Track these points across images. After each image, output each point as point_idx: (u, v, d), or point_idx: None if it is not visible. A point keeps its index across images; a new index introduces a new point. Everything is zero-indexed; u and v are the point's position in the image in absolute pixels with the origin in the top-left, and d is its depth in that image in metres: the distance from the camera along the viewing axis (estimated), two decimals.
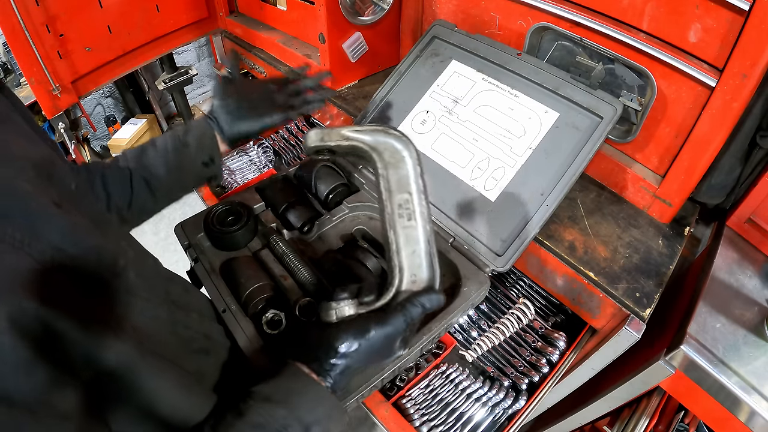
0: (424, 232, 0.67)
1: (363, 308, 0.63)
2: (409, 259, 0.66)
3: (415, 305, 0.61)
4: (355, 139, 0.69)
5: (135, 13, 1.54)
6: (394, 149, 0.68)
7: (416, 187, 0.68)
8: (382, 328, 0.59)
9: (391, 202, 0.67)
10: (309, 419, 0.54)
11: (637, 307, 0.86)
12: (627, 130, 1.05)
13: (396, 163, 0.68)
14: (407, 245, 0.66)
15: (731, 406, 0.82)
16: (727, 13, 0.78)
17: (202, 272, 0.86)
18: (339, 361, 0.56)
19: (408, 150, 0.68)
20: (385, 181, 0.68)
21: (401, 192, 0.68)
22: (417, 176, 0.68)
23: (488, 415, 0.93)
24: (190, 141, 0.81)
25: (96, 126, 3.12)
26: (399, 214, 0.67)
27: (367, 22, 1.31)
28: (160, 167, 0.78)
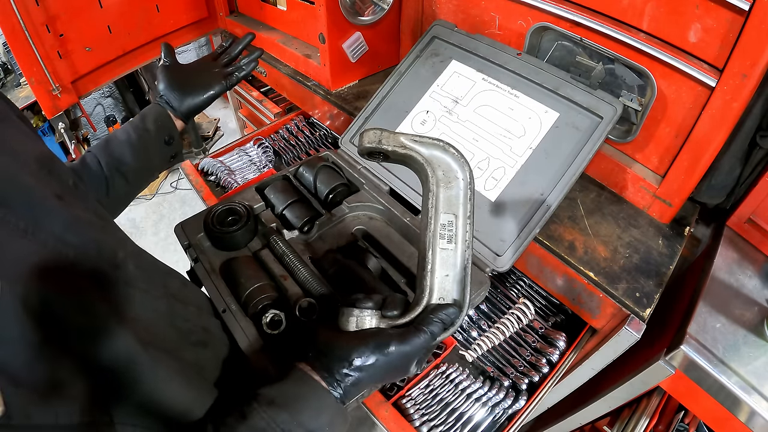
0: (462, 258, 0.65)
1: (385, 322, 0.60)
2: (441, 283, 0.64)
3: (437, 323, 0.59)
4: (412, 149, 0.66)
5: (135, 13, 1.54)
6: (449, 167, 0.66)
7: (464, 211, 0.66)
8: (403, 346, 0.56)
9: (435, 220, 0.65)
10: (312, 426, 0.53)
11: (637, 307, 0.86)
12: (627, 130, 1.05)
13: (448, 182, 0.66)
14: (442, 268, 0.64)
15: (731, 406, 0.82)
16: (727, 13, 0.78)
17: (202, 272, 0.86)
18: (352, 374, 0.55)
19: (463, 171, 0.66)
20: (434, 198, 0.66)
21: (447, 212, 0.66)
22: (467, 200, 0.66)
23: (488, 415, 0.93)
24: (150, 125, 0.89)
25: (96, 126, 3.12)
26: (441, 235, 0.65)
27: (367, 22, 1.31)
28: (127, 155, 0.86)
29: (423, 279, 0.64)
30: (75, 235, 0.48)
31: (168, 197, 3.07)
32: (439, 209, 0.66)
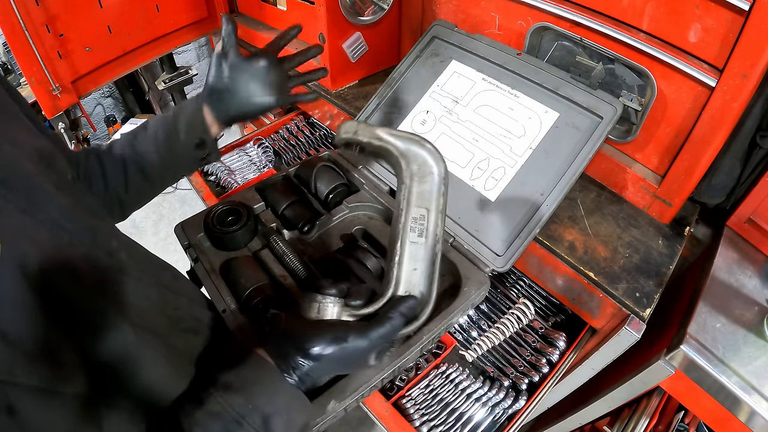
0: (431, 253, 0.65)
1: (347, 311, 0.60)
2: (408, 275, 0.64)
3: (398, 316, 0.59)
4: (387, 141, 0.66)
5: (135, 13, 1.54)
6: (425, 162, 0.66)
7: (436, 206, 0.66)
8: (360, 339, 0.56)
9: (406, 213, 0.65)
10: (268, 409, 0.53)
11: (637, 307, 0.86)
12: (627, 130, 1.05)
13: (423, 177, 0.66)
14: (410, 261, 0.64)
15: (731, 406, 0.82)
16: (727, 13, 0.78)
17: (202, 272, 0.86)
18: (307, 362, 0.55)
19: (438, 166, 0.67)
20: (407, 191, 0.66)
21: (420, 206, 0.66)
22: (440, 195, 0.66)
23: (488, 415, 0.93)
24: (180, 126, 0.80)
25: (96, 126, 3.12)
26: (411, 228, 0.65)
27: (367, 22, 1.31)
28: (152, 154, 0.79)
29: (390, 270, 0.64)
30: (70, 222, 0.50)
31: (168, 197, 3.07)
32: (411, 202, 0.66)
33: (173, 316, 0.63)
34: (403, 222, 0.65)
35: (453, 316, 0.78)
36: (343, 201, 1.00)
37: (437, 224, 0.66)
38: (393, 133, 0.66)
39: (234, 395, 0.52)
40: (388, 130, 0.67)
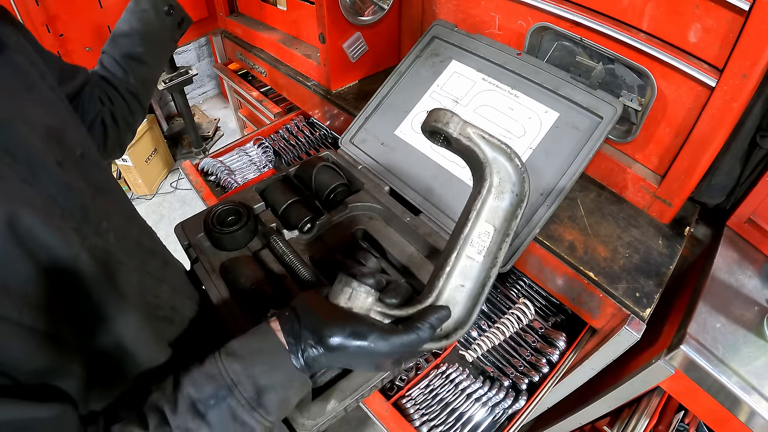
0: (485, 275, 0.60)
1: (379, 306, 0.56)
2: (452, 290, 0.60)
3: (425, 328, 0.55)
4: (476, 143, 0.60)
5: None
6: (508, 177, 0.62)
7: (505, 227, 0.61)
8: (381, 343, 0.52)
9: (473, 225, 0.60)
10: (263, 382, 0.51)
11: (637, 307, 0.86)
12: (627, 130, 1.05)
13: (501, 192, 0.62)
14: (459, 276, 0.60)
15: (731, 406, 0.82)
16: (727, 13, 0.78)
17: (202, 272, 0.86)
18: (319, 349, 0.52)
19: (521, 186, 0.62)
20: (481, 202, 0.61)
21: (488, 222, 0.61)
22: (513, 217, 0.62)
23: (488, 415, 0.93)
24: (144, 5, 0.88)
25: None
26: (473, 242, 0.60)
27: (367, 22, 1.31)
28: (136, 43, 0.88)
29: (436, 279, 0.59)
30: (66, 198, 0.54)
31: (168, 197, 3.07)
32: (481, 215, 0.61)
33: (151, 302, 0.66)
34: (466, 234, 0.60)
35: None
36: (343, 201, 1.00)
37: (500, 247, 0.61)
38: (484, 137, 0.60)
39: (233, 361, 0.52)
40: (481, 131, 0.61)
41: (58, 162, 0.55)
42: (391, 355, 0.53)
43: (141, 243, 0.70)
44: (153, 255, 0.72)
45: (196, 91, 3.73)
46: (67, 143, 0.59)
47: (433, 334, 0.54)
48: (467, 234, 0.60)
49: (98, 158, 0.71)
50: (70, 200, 0.55)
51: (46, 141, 0.55)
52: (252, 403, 0.51)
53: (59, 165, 0.55)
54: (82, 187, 0.58)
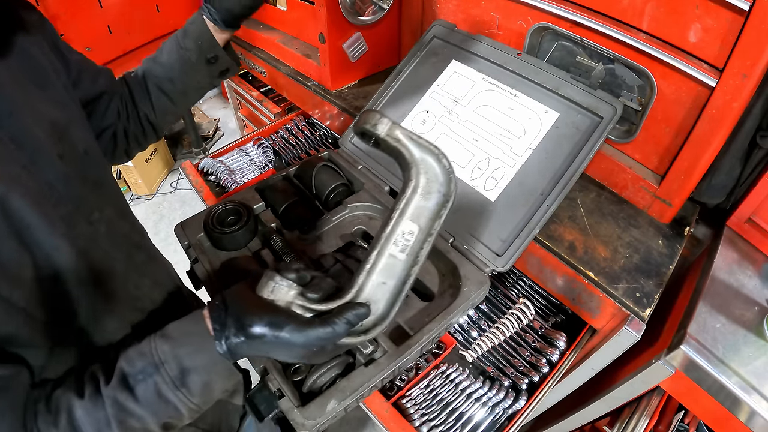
0: (406, 274, 0.62)
1: (301, 300, 0.57)
2: (374, 287, 0.61)
3: (340, 323, 0.56)
4: (404, 145, 0.62)
5: (135, 13, 1.54)
6: (435, 177, 0.63)
7: (429, 227, 0.63)
8: (296, 335, 0.54)
9: (395, 224, 0.62)
10: (187, 363, 0.54)
11: (637, 307, 0.86)
12: (627, 130, 1.05)
13: (428, 193, 0.63)
14: (381, 274, 0.61)
15: (731, 406, 0.82)
16: (727, 13, 0.78)
17: (202, 272, 0.86)
18: (239, 337, 0.54)
19: (447, 187, 0.63)
20: (405, 201, 0.62)
21: (413, 221, 0.62)
22: (437, 217, 0.63)
23: (488, 415, 0.93)
24: (189, 46, 0.83)
25: None
26: (396, 241, 0.62)
27: (367, 22, 1.31)
28: (168, 77, 0.84)
29: (358, 275, 0.61)
30: (62, 186, 0.58)
31: (168, 197, 3.07)
32: (405, 214, 0.62)
33: (132, 293, 0.70)
34: (389, 232, 0.62)
35: (453, 316, 0.78)
36: (343, 201, 1.00)
37: (422, 246, 0.62)
38: (412, 137, 0.62)
39: (164, 341, 0.55)
40: (408, 132, 0.62)
41: (59, 155, 0.59)
42: (307, 346, 0.55)
43: (130, 237, 0.73)
44: (139, 249, 0.75)
45: None
46: (70, 139, 0.63)
47: (349, 329, 0.57)
48: (390, 232, 0.62)
49: (100, 157, 0.72)
50: (67, 190, 0.59)
51: (51, 134, 0.59)
52: (176, 382, 0.54)
53: (60, 157, 0.59)
54: (80, 180, 0.62)
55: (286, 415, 0.66)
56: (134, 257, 0.72)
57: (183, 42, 0.83)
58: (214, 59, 0.85)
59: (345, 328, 0.56)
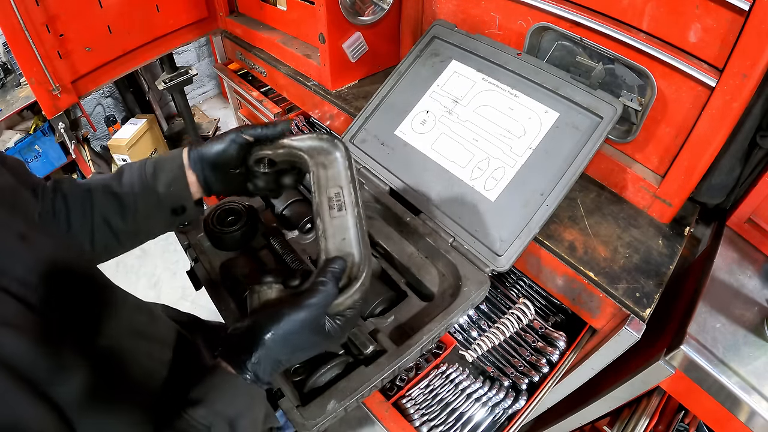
0: (355, 219, 0.69)
1: (287, 292, 0.61)
2: (338, 246, 0.67)
3: (327, 280, 0.57)
4: (290, 146, 0.73)
5: (135, 13, 1.54)
6: (326, 151, 0.73)
7: (346, 180, 0.71)
8: (296, 312, 0.55)
9: (320, 195, 0.71)
10: (230, 413, 0.53)
11: (637, 307, 0.86)
12: (627, 130, 1.05)
13: (329, 163, 0.73)
14: (337, 234, 0.68)
15: (731, 406, 0.82)
16: (727, 13, 0.78)
17: (202, 272, 0.86)
18: (256, 356, 0.54)
19: (338, 150, 0.73)
20: (316, 177, 0.72)
21: (333, 186, 0.71)
22: (347, 170, 0.72)
23: (488, 415, 0.93)
24: (158, 186, 0.70)
25: (96, 126, 3.12)
26: (330, 206, 0.70)
27: (367, 22, 1.31)
28: (120, 216, 0.70)
29: (320, 245, 0.67)
30: (38, 276, 0.48)
31: None
32: (322, 185, 0.71)
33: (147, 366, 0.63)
34: (318, 203, 0.70)
35: (453, 316, 0.78)
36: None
37: (351, 194, 0.71)
38: (293, 139, 0.74)
39: (197, 408, 0.53)
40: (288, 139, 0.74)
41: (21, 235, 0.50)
42: (315, 319, 0.56)
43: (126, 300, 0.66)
44: (140, 310, 0.68)
45: (196, 91, 3.73)
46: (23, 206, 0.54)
47: (338, 282, 0.59)
48: (320, 202, 0.70)
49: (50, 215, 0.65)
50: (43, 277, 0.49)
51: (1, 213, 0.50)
52: None
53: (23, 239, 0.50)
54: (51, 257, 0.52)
55: (286, 414, 0.66)
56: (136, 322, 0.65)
57: (151, 181, 0.70)
58: (181, 210, 0.74)
59: (333, 282, 0.58)
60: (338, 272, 0.61)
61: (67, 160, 2.60)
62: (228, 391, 0.54)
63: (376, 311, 0.82)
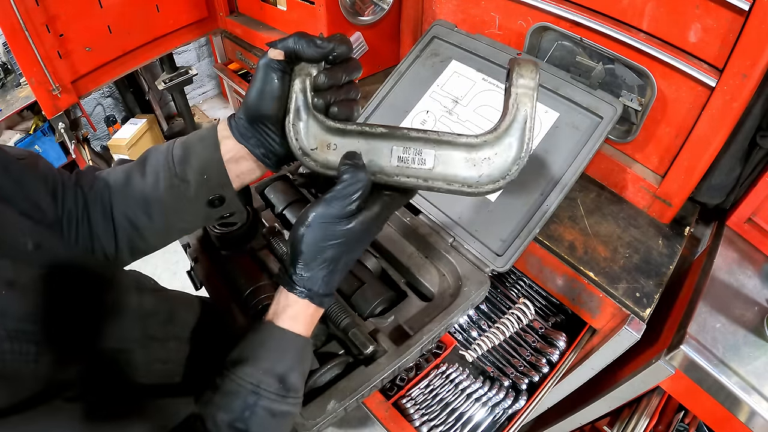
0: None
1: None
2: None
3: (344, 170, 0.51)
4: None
5: (135, 13, 1.54)
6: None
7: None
8: (321, 206, 0.50)
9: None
10: (280, 368, 0.52)
11: (637, 307, 0.86)
12: (627, 130, 1.05)
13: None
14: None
15: (731, 406, 0.82)
16: (727, 13, 0.78)
17: (202, 272, 0.86)
18: (298, 265, 0.52)
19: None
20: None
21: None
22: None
23: (488, 415, 0.93)
24: (189, 175, 0.58)
25: (96, 126, 3.11)
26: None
27: (367, 22, 1.31)
28: (146, 214, 0.59)
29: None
30: (33, 323, 0.44)
31: None
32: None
33: (162, 370, 0.62)
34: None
35: (453, 316, 0.78)
36: None
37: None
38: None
39: (243, 367, 0.52)
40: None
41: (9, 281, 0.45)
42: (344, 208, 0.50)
43: (139, 312, 0.63)
44: (155, 316, 0.66)
45: (196, 91, 3.73)
46: (11, 242, 0.47)
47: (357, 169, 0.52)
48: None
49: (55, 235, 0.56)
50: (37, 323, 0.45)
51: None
52: (281, 393, 0.52)
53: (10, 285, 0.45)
54: (44, 300, 0.47)
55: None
56: (149, 327, 0.62)
57: (179, 170, 0.58)
58: (219, 201, 0.60)
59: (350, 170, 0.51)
60: (353, 160, 0.52)
61: (67, 160, 2.61)
62: (276, 347, 0.53)
63: (376, 311, 0.82)
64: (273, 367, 0.52)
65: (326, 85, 0.54)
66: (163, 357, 0.63)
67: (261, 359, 0.52)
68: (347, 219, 0.51)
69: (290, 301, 0.54)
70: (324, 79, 0.53)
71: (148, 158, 0.60)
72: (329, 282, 0.54)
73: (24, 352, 0.42)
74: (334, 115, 0.55)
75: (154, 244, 0.64)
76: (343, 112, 0.55)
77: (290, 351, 0.53)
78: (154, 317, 0.66)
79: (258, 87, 0.54)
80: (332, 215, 0.51)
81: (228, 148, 0.58)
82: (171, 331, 0.68)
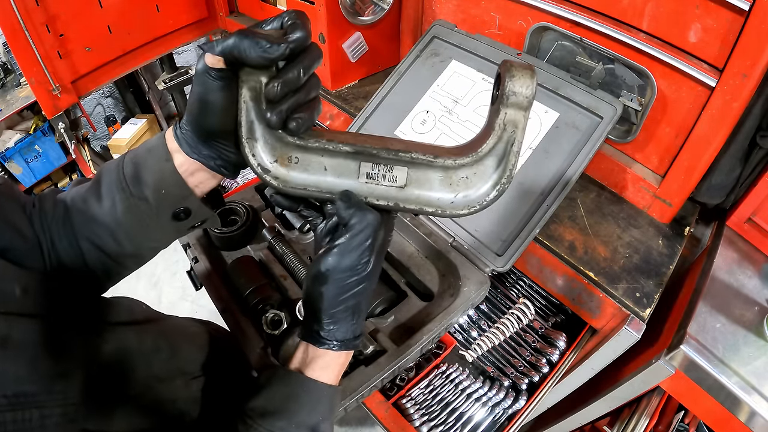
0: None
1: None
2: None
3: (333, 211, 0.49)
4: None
5: (135, 13, 1.54)
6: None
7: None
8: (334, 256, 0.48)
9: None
10: (312, 420, 0.52)
11: (637, 307, 0.86)
12: (627, 130, 1.05)
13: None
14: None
15: (731, 406, 0.82)
16: (727, 13, 0.78)
17: (202, 272, 0.86)
18: (324, 320, 0.50)
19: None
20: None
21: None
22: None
23: (488, 415, 0.93)
24: (145, 193, 0.53)
25: (96, 126, 3.11)
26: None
27: (367, 22, 1.31)
28: (111, 237, 0.54)
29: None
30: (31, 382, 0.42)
31: None
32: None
33: (172, 411, 0.60)
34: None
35: (453, 316, 0.78)
36: None
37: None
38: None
39: (274, 419, 0.50)
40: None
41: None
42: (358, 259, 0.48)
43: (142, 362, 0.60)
44: (157, 353, 0.63)
45: None
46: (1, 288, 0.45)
47: (362, 211, 0.49)
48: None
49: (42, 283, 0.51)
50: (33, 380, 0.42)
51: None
52: None
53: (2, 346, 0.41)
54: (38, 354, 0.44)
55: None
56: (154, 367, 0.60)
57: (134, 189, 0.52)
58: (185, 213, 0.55)
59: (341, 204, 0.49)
60: (350, 201, 0.49)
61: (67, 160, 2.60)
62: (308, 399, 0.52)
63: (376, 311, 0.82)
64: (306, 419, 0.51)
65: (280, 96, 0.45)
66: (171, 397, 0.60)
67: (293, 412, 0.51)
68: (364, 265, 0.49)
69: (319, 352, 0.53)
70: (276, 90, 0.44)
71: (101, 179, 0.55)
72: (358, 325, 0.53)
73: (27, 419, 0.40)
74: (293, 130, 0.47)
75: (130, 266, 0.60)
76: (304, 123, 0.47)
77: (323, 402, 0.53)
78: (156, 355, 0.62)
79: (198, 101, 0.48)
80: (348, 267, 0.48)
81: (180, 162, 0.52)
82: (175, 365, 0.65)
